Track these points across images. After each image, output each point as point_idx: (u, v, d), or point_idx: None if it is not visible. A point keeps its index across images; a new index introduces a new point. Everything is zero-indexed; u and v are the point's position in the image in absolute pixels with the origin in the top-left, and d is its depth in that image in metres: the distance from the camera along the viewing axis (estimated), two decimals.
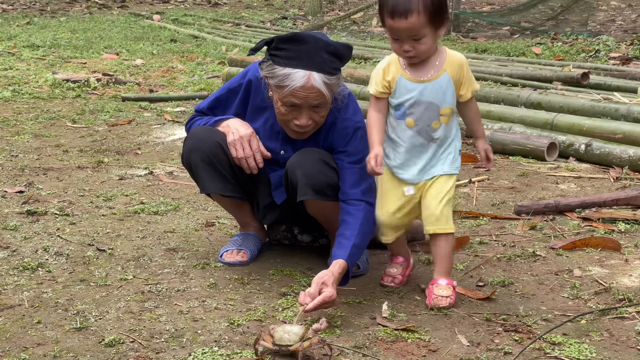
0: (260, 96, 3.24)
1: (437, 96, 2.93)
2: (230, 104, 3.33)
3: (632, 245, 3.58)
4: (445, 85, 2.94)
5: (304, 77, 2.99)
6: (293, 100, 3.04)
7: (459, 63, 2.97)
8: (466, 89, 2.98)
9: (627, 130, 5.07)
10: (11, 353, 2.55)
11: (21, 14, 15.04)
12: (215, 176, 3.26)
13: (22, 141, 5.51)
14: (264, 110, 3.26)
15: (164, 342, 2.64)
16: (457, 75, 2.96)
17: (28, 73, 8.39)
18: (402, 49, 2.88)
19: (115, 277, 3.20)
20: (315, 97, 3.03)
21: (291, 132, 3.18)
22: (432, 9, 2.81)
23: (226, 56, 9.44)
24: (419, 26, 2.82)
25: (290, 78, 3.00)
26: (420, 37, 2.84)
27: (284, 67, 3.01)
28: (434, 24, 2.84)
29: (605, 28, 12.27)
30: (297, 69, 3.00)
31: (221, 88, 3.40)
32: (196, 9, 17.18)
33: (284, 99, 3.05)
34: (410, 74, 2.94)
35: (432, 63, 2.95)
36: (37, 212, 3.95)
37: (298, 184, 3.08)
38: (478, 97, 6.30)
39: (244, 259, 3.36)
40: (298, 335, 2.52)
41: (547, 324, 2.80)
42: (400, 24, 2.82)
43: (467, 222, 3.92)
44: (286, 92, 3.02)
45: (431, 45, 2.89)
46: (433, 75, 2.94)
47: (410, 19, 2.80)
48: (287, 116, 3.10)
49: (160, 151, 5.34)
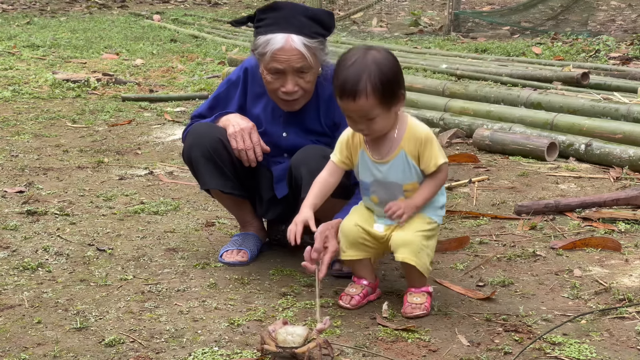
0: (257, 82, 3.29)
1: (396, 176, 2.83)
2: (231, 97, 3.36)
3: (632, 245, 3.58)
4: (403, 164, 2.83)
5: (282, 39, 3.08)
6: (276, 65, 3.10)
7: (418, 139, 2.81)
8: (426, 164, 2.81)
9: (627, 130, 5.07)
10: (11, 353, 2.56)
11: (21, 14, 15.04)
12: (215, 172, 3.27)
13: (22, 141, 5.51)
14: (262, 95, 3.32)
15: (164, 342, 2.64)
16: (416, 151, 2.81)
17: (28, 73, 8.39)
18: (356, 127, 2.80)
19: (115, 277, 3.20)
20: (297, 60, 3.09)
21: (282, 104, 3.23)
22: (381, 90, 2.70)
23: (226, 56, 9.44)
24: (369, 108, 2.72)
25: (271, 43, 3.09)
26: (373, 117, 2.74)
27: (265, 35, 3.10)
28: (385, 104, 2.73)
29: (605, 28, 12.27)
30: (276, 33, 3.08)
31: (220, 85, 3.44)
32: (196, 8, 17.18)
33: (268, 66, 3.12)
34: (371, 150, 2.86)
35: (390, 137, 2.83)
36: (37, 212, 3.95)
37: (303, 181, 3.08)
38: (478, 98, 6.31)
39: (244, 259, 3.36)
40: (302, 336, 2.49)
41: (547, 324, 2.80)
42: (348, 105, 2.73)
43: (467, 222, 3.92)
44: (268, 58, 3.10)
45: (386, 123, 2.78)
46: (390, 155, 2.83)
47: (358, 101, 2.70)
48: (274, 84, 3.16)
49: (160, 151, 5.34)
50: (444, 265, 3.34)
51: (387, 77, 2.72)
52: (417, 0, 17.45)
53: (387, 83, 2.71)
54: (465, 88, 6.55)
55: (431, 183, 2.85)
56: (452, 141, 5.58)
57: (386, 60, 2.75)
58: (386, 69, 2.73)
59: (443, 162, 2.83)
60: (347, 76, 2.71)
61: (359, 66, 2.71)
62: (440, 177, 2.85)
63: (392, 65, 2.76)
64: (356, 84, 2.69)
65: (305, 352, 2.46)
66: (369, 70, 2.70)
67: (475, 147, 5.40)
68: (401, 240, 2.82)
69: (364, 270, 2.99)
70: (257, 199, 3.43)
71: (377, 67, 2.71)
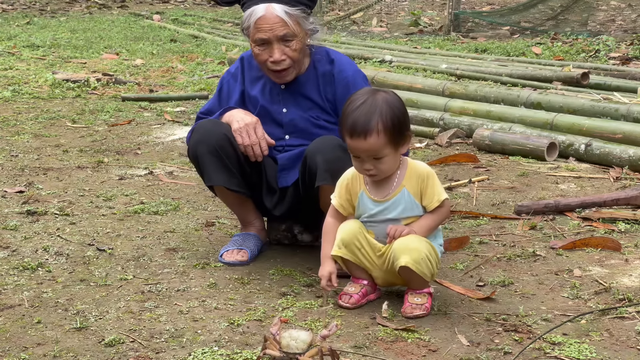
0: (254, 67, 3.41)
1: (397, 213, 2.88)
2: (232, 88, 3.43)
3: (632, 245, 3.58)
4: (405, 201, 2.87)
5: (263, 8, 3.20)
6: (261, 35, 3.22)
7: (419, 176, 2.88)
8: (429, 201, 2.87)
9: (627, 130, 5.07)
10: (11, 353, 2.56)
11: (21, 14, 15.04)
12: (221, 169, 3.28)
13: (22, 141, 5.51)
14: (259, 78, 3.41)
15: (164, 342, 2.64)
16: (417, 188, 2.87)
17: (28, 73, 8.38)
18: (363, 168, 2.84)
19: (115, 277, 3.20)
20: (279, 28, 3.21)
21: (274, 76, 3.32)
22: (392, 129, 2.77)
23: (226, 56, 9.44)
24: (379, 147, 2.77)
25: (253, 14, 3.22)
26: (381, 157, 2.79)
27: (248, 8, 3.24)
28: (394, 143, 2.79)
29: (605, 28, 12.27)
30: (259, 4, 3.22)
31: (221, 79, 3.52)
32: (196, 9, 17.18)
33: (254, 38, 3.24)
34: (371, 191, 2.90)
35: (392, 177, 2.88)
36: (37, 212, 3.96)
37: (318, 169, 3.09)
38: (478, 97, 6.31)
39: (244, 258, 3.36)
40: (305, 342, 2.44)
41: (547, 324, 2.80)
42: (359, 144, 2.78)
43: (467, 222, 3.92)
44: (253, 30, 3.23)
45: (393, 164, 2.84)
46: (391, 194, 2.88)
47: (369, 139, 2.76)
48: (262, 56, 3.26)
49: (160, 151, 5.34)
50: (444, 265, 3.34)
51: (398, 117, 2.80)
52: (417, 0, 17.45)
53: (398, 123, 2.79)
54: (465, 88, 6.55)
55: (434, 216, 2.90)
56: (452, 141, 5.58)
57: (395, 100, 2.84)
58: (396, 109, 2.81)
59: (445, 197, 2.88)
60: (359, 115, 2.78)
61: (370, 105, 2.79)
62: (443, 211, 2.91)
63: (400, 106, 2.85)
64: (368, 122, 2.76)
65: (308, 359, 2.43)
66: (381, 109, 2.78)
67: (475, 147, 5.40)
68: (404, 246, 2.82)
69: (359, 270, 2.98)
70: (265, 193, 3.42)
71: (388, 106, 2.80)
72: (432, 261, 2.85)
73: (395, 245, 2.83)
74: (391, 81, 6.98)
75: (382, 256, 2.90)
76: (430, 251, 2.85)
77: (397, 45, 10.71)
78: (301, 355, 2.42)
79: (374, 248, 2.92)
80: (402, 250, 2.81)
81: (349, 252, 2.92)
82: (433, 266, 2.87)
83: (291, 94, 3.37)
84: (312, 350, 2.43)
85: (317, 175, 3.10)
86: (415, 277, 2.85)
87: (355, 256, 2.93)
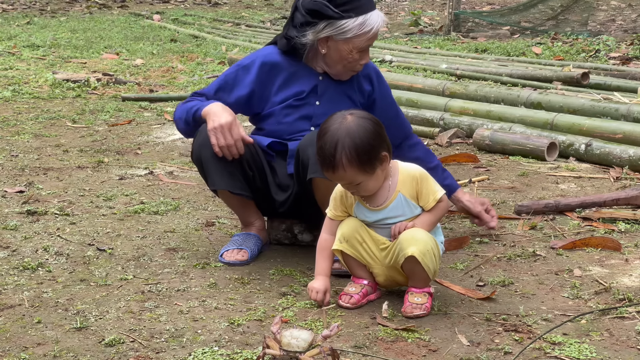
0: (277, 73, 3.41)
1: (396, 216, 2.89)
2: (240, 81, 3.41)
3: (632, 245, 3.58)
4: (402, 204, 2.88)
5: (378, 18, 3.30)
6: (369, 43, 3.32)
7: (412, 178, 2.88)
8: (425, 200, 2.88)
9: (627, 130, 5.07)
10: (11, 353, 2.56)
11: (21, 14, 15.04)
12: (224, 172, 3.28)
13: (22, 141, 5.51)
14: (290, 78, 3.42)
15: (164, 342, 2.64)
16: (413, 190, 2.88)
17: (28, 73, 8.39)
18: (348, 189, 2.86)
19: (115, 277, 3.20)
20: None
21: (345, 76, 3.42)
22: (357, 162, 2.73)
23: (226, 56, 9.44)
24: (350, 177, 2.77)
25: (367, 24, 3.27)
26: (358, 183, 2.79)
27: (356, 17, 3.26)
28: (366, 170, 2.76)
29: (605, 28, 12.27)
30: (367, 13, 3.27)
31: (228, 69, 3.49)
32: (196, 8, 17.19)
33: (362, 45, 3.29)
34: (367, 201, 2.90)
35: (385, 187, 2.88)
36: (37, 212, 3.96)
37: (310, 162, 3.10)
38: (478, 97, 6.32)
39: (244, 258, 3.36)
40: (307, 341, 2.43)
41: (547, 323, 2.80)
42: (330, 176, 2.80)
43: (467, 222, 3.92)
44: (364, 38, 3.28)
45: (375, 183, 2.83)
46: (388, 201, 2.88)
47: (337, 173, 2.76)
48: (352, 57, 3.32)
49: (160, 151, 5.34)
50: (444, 265, 3.34)
51: (363, 146, 2.73)
52: (417, 0, 17.45)
53: (363, 152, 2.73)
54: (465, 88, 6.55)
55: (434, 212, 2.91)
56: (452, 141, 5.58)
57: (360, 128, 2.75)
58: (360, 139, 2.73)
59: (442, 195, 2.89)
60: (323, 150, 2.76)
61: (332, 138, 2.74)
62: (441, 206, 2.91)
63: (366, 131, 2.75)
64: (332, 158, 2.73)
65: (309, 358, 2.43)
66: (343, 143, 2.72)
67: (475, 147, 5.40)
68: (411, 237, 2.83)
69: (361, 270, 2.98)
70: (276, 190, 3.41)
71: (351, 138, 2.72)
72: (436, 256, 2.86)
73: (401, 237, 2.84)
74: (391, 81, 6.97)
75: (385, 249, 2.91)
76: (435, 246, 2.86)
77: (397, 45, 10.71)
78: (302, 354, 2.42)
79: (377, 241, 2.92)
80: (409, 241, 2.81)
81: (349, 247, 2.92)
82: (436, 261, 2.87)
83: (327, 88, 3.42)
84: (313, 350, 2.43)
85: (308, 167, 3.10)
86: (419, 271, 2.85)
87: (356, 250, 2.93)
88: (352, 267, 2.99)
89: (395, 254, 2.86)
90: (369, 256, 2.94)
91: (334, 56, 3.34)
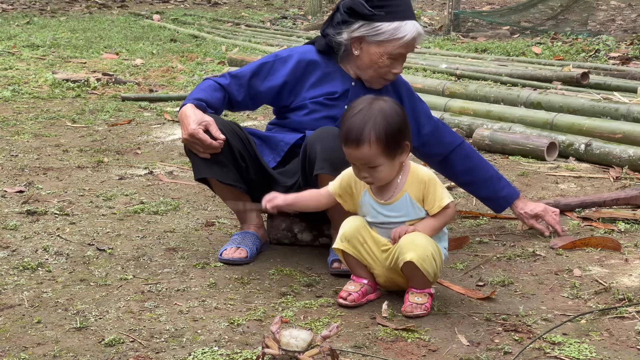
0: (312, 72, 3.41)
1: (400, 216, 2.88)
2: (276, 70, 3.42)
3: (632, 245, 3.58)
4: (407, 205, 2.87)
5: (414, 27, 3.27)
6: (403, 50, 3.29)
7: (421, 180, 2.86)
8: (430, 205, 2.86)
9: (627, 130, 5.07)
10: (11, 353, 2.56)
11: (21, 14, 15.04)
12: (213, 163, 3.28)
13: (22, 141, 5.51)
14: (323, 79, 3.42)
15: (164, 342, 2.64)
16: (419, 193, 2.86)
17: (28, 73, 8.39)
18: (359, 175, 2.84)
19: (115, 277, 3.20)
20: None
21: (377, 84, 3.40)
22: (385, 140, 2.73)
23: (226, 56, 9.44)
24: (372, 156, 2.75)
25: (402, 30, 3.26)
26: (376, 166, 2.78)
27: (391, 22, 3.25)
28: (389, 153, 2.77)
29: (605, 28, 12.28)
30: (405, 20, 3.26)
31: (266, 57, 3.50)
32: (196, 8, 17.19)
33: (394, 51, 3.28)
34: (374, 191, 2.90)
35: (394, 182, 2.87)
36: (37, 212, 3.95)
37: (316, 158, 3.10)
38: (478, 97, 6.32)
39: (243, 255, 3.36)
40: (306, 341, 2.43)
41: (547, 323, 2.80)
42: (352, 152, 2.77)
43: (467, 222, 3.92)
44: (397, 45, 3.27)
45: (390, 172, 2.82)
46: (394, 197, 2.87)
47: (361, 149, 2.74)
48: (385, 68, 3.32)
49: (160, 151, 5.34)
50: (444, 265, 3.34)
51: (392, 127, 2.76)
52: (417, 0, 17.45)
53: (392, 133, 2.75)
54: (465, 88, 6.56)
55: (438, 217, 2.89)
56: None
57: (393, 110, 2.79)
58: (391, 120, 2.76)
59: (448, 202, 2.86)
60: (353, 123, 2.75)
61: (365, 115, 2.76)
62: (447, 213, 2.89)
63: (398, 116, 2.79)
64: (361, 132, 2.73)
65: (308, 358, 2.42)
66: (374, 120, 2.74)
67: (475, 147, 5.40)
68: (411, 241, 2.82)
69: (361, 269, 2.98)
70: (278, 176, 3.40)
71: (383, 116, 2.76)
72: (436, 261, 2.85)
73: (401, 241, 2.83)
74: None
75: (386, 251, 2.90)
76: (435, 251, 2.85)
77: None
78: (301, 353, 2.42)
79: (378, 243, 2.92)
80: (409, 246, 2.81)
81: (350, 247, 2.92)
82: (437, 266, 2.86)
83: (358, 94, 3.38)
84: (313, 350, 2.43)
85: (315, 163, 3.10)
86: (418, 275, 2.84)
87: (357, 251, 2.93)
88: (353, 266, 2.99)
89: (395, 258, 2.86)
90: (369, 257, 2.94)
91: (365, 59, 3.34)
